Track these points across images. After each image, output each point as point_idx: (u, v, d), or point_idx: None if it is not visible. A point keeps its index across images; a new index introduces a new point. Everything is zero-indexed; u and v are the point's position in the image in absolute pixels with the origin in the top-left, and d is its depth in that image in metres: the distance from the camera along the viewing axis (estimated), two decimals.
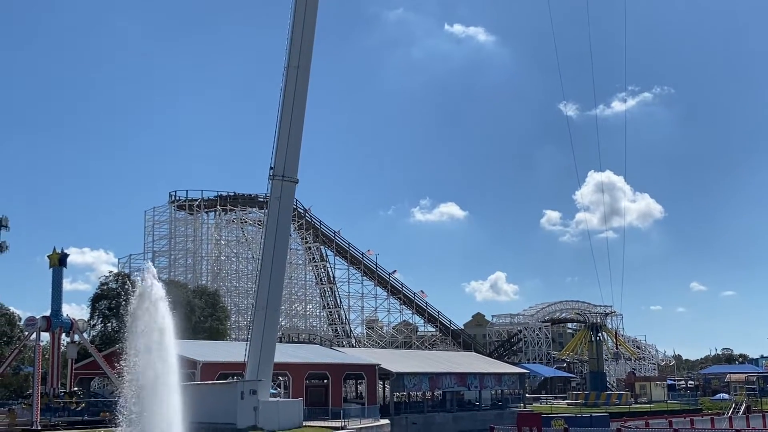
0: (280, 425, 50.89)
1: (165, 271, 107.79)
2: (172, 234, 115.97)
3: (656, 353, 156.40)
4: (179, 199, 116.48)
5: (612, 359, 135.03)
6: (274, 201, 54.89)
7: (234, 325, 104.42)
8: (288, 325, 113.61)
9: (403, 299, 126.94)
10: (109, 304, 79.56)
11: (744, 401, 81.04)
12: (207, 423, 47.86)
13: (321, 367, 70.12)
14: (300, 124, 55.33)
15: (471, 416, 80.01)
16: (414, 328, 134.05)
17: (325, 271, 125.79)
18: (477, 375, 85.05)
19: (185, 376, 52.90)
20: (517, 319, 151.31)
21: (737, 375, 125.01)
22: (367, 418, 59.39)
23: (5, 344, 74.18)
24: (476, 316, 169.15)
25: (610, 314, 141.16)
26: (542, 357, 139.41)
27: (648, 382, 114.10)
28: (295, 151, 55.11)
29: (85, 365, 64.44)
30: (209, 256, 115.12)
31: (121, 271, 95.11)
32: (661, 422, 45.22)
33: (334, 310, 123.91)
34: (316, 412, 59.95)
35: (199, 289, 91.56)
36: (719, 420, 48.48)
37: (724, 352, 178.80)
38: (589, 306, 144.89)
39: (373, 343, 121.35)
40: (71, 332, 58.32)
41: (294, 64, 54.67)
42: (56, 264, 57.16)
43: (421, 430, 72.78)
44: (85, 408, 55.08)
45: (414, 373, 77.86)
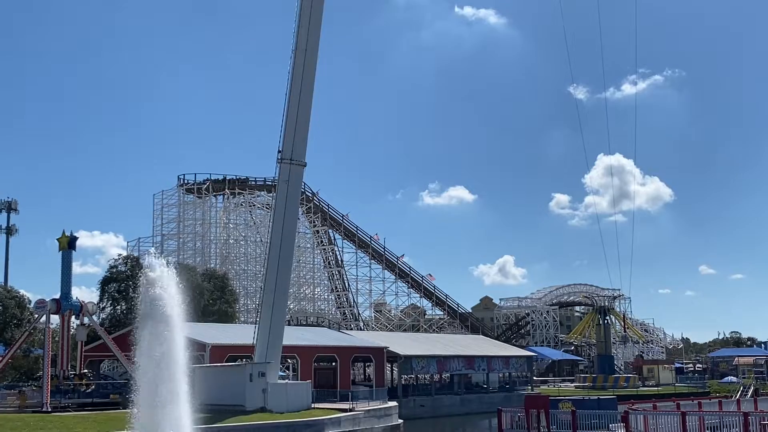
0: (288, 407, 51.15)
1: (174, 255, 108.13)
2: (180, 217, 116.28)
3: (664, 336, 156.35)
4: (188, 182, 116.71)
5: (620, 342, 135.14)
6: (282, 184, 54.93)
7: (243, 308, 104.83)
8: (296, 309, 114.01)
9: (411, 283, 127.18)
10: (118, 287, 79.91)
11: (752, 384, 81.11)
12: (216, 405, 48.18)
13: (329, 349, 70.36)
14: (308, 107, 55.29)
15: (478, 399, 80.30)
16: (422, 312, 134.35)
17: (333, 254, 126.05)
18: (485, 358, 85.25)
19: (194, 358, 53.13)
20: (525, 303, 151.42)
21: (745, 358, 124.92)
22: (376, 401, 59.57)
23: (15, 327, 74.57)
24: (484, 299, 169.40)
25: (618, 298, 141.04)
26: (550, 340, 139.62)
27: (656, 366, 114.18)
28: (303, 135, 55.09)
29: (95, 348, 64.77)
30: (218, 239, 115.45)
31: (130, 254, 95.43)
32: (669, 405, 45.13)
33: (342, 293, 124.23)
34: (325, 394, 60.19)
35: (208, 272, 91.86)
36: (727, 403, 48.37)
37: (733, 336, 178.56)
38: (597, 289, 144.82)
39: (381, 327, 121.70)
40: (81, 315, 58.54)
41: (302, 47, 54.57)
42: (65, 247, 57.33)
43: (429, 413, 73.05)
44: (94, 390, 55.37)
45: (422, 356, 78.08)
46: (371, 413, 55.72)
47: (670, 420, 38.32)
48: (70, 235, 57.66)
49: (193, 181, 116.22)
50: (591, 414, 39.98)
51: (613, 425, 39.48)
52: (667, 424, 38.15)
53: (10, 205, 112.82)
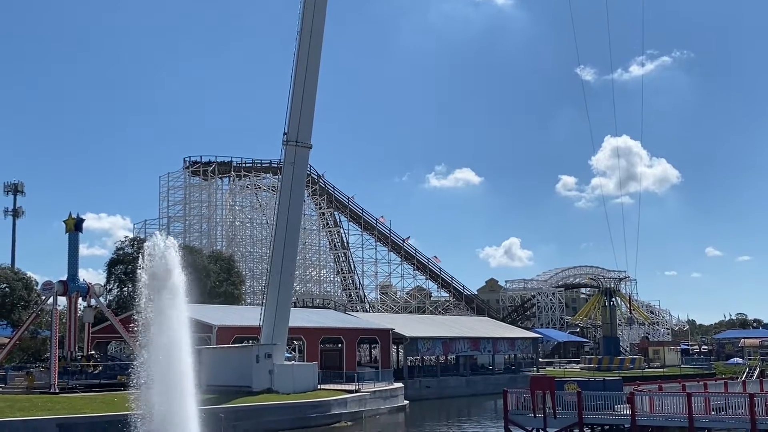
0: (295, 388, 51.44)
1: (180, 237, 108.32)
2: (186, 200, 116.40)
3: (670, 318, 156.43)
4: (194, 164, 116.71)
5: (625, 324, 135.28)
6: (287, 166, 55.01)
7: (249, 290, 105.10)
8: (302, 291, 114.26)
9: (416, 265, 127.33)
10: (125, 269, 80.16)
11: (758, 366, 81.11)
12: (223, 386, 48.49)
13: (335, 331, 70.58)
14: (313, 89, 55.25)
15: (484, 380, 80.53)
16: (427, 294, 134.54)
17: (338, 236, 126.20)
18: (490, 340, 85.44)
19: (201, 340, 53.53)
20: (531, 285, 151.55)
21: (751, 340, 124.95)
22: (381, 382, 59.86)
23: (23, 308, 74.91)
24: (489, 281, 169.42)
25: (624, 279, 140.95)
26: (555, 322, 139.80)
27: (661, 347, 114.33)
28: (308, 117, 55.10)
29: (102, 329, 65.07)
30: (224, 221, 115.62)
31: (137, 236, 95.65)
32: (675, 386, 45.19)
33: (347, 275, 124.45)
34: (331, 375, 60.44)
35: (214, 254, 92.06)
36: (733, 384, 48.43)
37: (739, 317, 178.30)
38: (603, 271, 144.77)
39: (387, 308, 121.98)
40: (88, 297, 58.76)
41: (307, 29, 54.49)
42: (72, 229, 57.49)
43: (435, 394, 73.31)
44: (102, 371, 55.69)
45: (428, 338, 78.28)
46: (377, 394, 56.01)
47: (675, 401, 38.38)
48: (77, 217, 57.81)
49: (199, 163, 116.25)
50: (596, 395, 40.06)
51: (618, 406, 39.59)
52: (672, 406, 38.24)
53: (16, 188, 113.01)
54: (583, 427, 39.81)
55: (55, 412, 39.61)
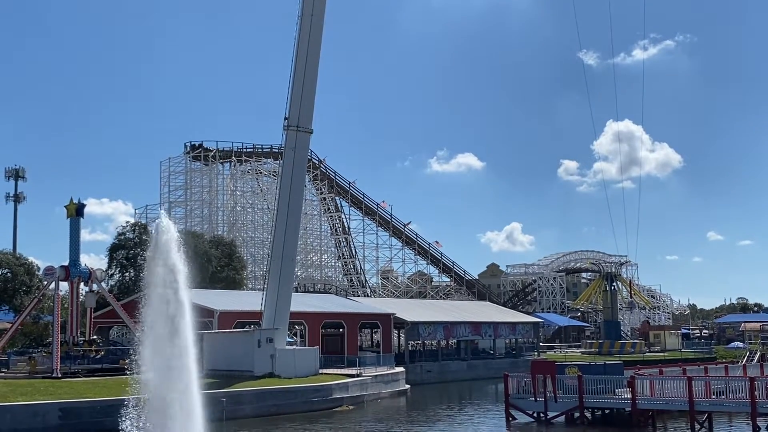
0: (296, 373, 51.57)
1: (181, 222, 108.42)
2: (187, 185, 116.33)
3: (671, 302, 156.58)
4: (194, 149, 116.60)
5: (626, 308, 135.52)
6: (288, 151, 54.94)
7: (250, 275, 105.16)
8: (304, 275, 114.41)
9: (417, 250, 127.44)
10: (126, 254, 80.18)
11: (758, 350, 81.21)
12: (224, 370, 48.64)
13: (337, 316, 70.70)
14: (314, 73, 55.08)
15: (485, 364, 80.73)
16: (429, 279, 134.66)
17: (340, 221, 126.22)
18: (491, 324, 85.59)
19: (203, 324, 53.60)
20: (532, 269, 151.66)
21: (752, 324, 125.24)
22: (383, 366, 60.07)
23: (24, 294, 75.00)
24: (491, 266, 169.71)
25: (625, 264, 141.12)
26: (557, 306, 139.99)
27: (662, 331, 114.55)
28: (309, 101, 54.96)
29: (104, 314, 65.18)
30: (225, 206, 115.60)
31: (138, 221, 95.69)
32: (675, 370, 45.34)
33: (349, 260, 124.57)
34: (332, 360, 60.58)
35: (216, 239, 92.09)
36: (733, 368, 48.56)
37: (739, 301, 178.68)
38: (604, 256, 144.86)
39: (388, 293, 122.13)
40: (90, 282, 58.75)
41: (308, 12, 54.28)
42: (73, 214, 57.42)
43: (436, 378, 73.51)
44: (104, 356, 55.81)
45: (429, 322, 78.40)
46: (378, 378, 56.19)
47: (676, 385, 38.52)
48: (78, 202, 57.73)
49: (200, 148, 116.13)
50: (597, 379, 40.23)
51: (619, 390, 39.74)
52: (673, 389, 38.37)
53: (17, 173, 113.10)
54: (583, 411, 39.99)
55: (57, 397, 39.75)
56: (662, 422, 39.55)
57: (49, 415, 37.68)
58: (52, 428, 37.32)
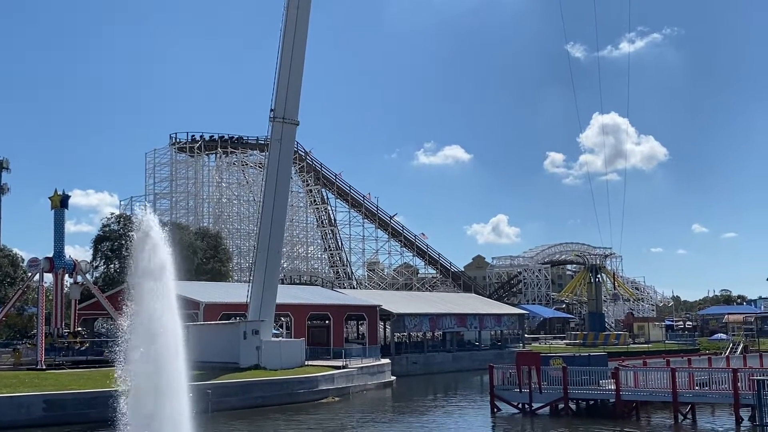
0: (282, 365, 51.59)
1: (167, 213, 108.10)
2: (173, 176, 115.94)
3: (655, 294, 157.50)
4: (180, 141, 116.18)
5: (611, 300, 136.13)
6: (274, 143, 54.82)
7: (236, 267, 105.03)
8: (290, 267, 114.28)
9: (404, 242, 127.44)
10: (111, 246, 79.95)
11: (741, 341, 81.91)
12: (210, 362, 48.54)
13: (322, 308, 70.70)
14: (300, 65, 54.92)
15: (470, 356, 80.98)
16: (414, 270, 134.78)
17: (326, 213, 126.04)
18: (477, 316, 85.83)
19: (188, 316, 53.46)
20: (517, 261, 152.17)
21: (735, 316, 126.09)
22: (369, 358, 60.14)
23: (9, 285, 74.73)
24: (476, 258, 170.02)
25: (609, 256, 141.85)
26: (542, 298, 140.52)
27: (646, 323, 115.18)
28: (295, 93, 54.82)
29: (89, 306, 64.94)
30: (210, 198, 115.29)
31: (123, 212, 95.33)
32: (659, 362, 45.66)
33: (335, 252, 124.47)
34: (318, 352, 60.59)
35: (201, 231, 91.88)
36: (717, 360, 48.95)
37: (723, 293, 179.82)
38: (589, 248, 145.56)
39: (374, 285, 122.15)
40: (74, 273, 58.61)
41: (294, 4, 54.08)
42: (58, 206, 57.19)
43: (422, 370, 73.70)
44: (88, 348, 55.70)
45: (415, 314, 78.55)
46: (364, 370, 56.28)
47: (660, 376, 38.79)
48: (63, 193, 57.48)
49: (186, 140, 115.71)
50: (582, 371, 40.48)
51: (603, 382, 39.99)
52: (657, 381, 38.65)
53: (1, 164, 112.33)
54: (568, 402, 40.21)
55: (42, 389, 39.64)
56: (646, 413, 39.83)
57: (33, 407, 37.57)
58: (37, 420, 37.20)
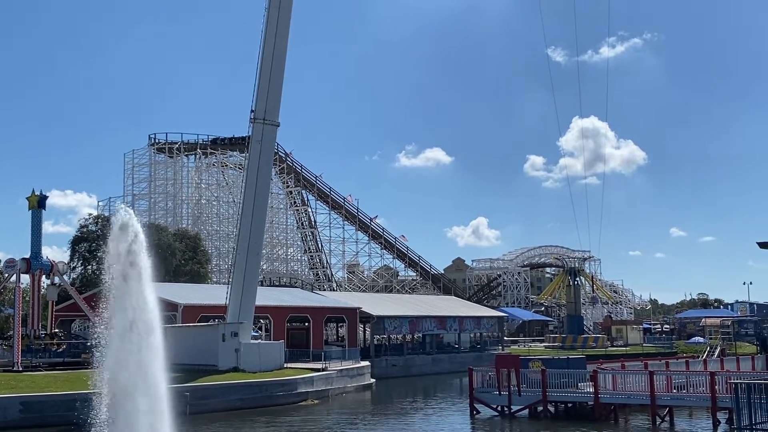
0: (261, 367, 51.43)
1: (145, 214, 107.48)
2: (152, 177, 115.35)
3: (633, 297, 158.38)
4: (159, 142, 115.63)
5: (589, 303, 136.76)
6: (255, 144, 54.66)
7: (215, 268, 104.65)
8: (269, 269, 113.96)
9: (384, 244, 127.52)
10: (89, 247, 79.47)
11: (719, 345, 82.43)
12: (188, 365, 48.25)
13: (302, 310, 70.55)
14: (281, 65, 54.83)
15: (450, 358, 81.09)
16: (395, 273, 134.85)
17: (306, 215, 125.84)
18: (456, 318, 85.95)
19: (166, 318, 53.11)
20: (497, 264, 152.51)
21: (712, 319, 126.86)
22: (348, 360, 60.09)
23: None
24: (456, 260, 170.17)
25: (588, 259, 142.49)
26: (521, 301, 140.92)
27: (624, 326, 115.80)
28: (276, 94, 54.70)
29: (66, 307, 64.48)
30: (189, 199, 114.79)
31: (101, 213, 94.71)
32: (637, 365, 45.93)
33: (315, 254, 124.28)
34: (298, 354, 60.49)
35: (180, 232, 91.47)
36: (694, 363, 49.33)
37: (700, 297, 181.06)
38: (568, 251, 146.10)
39: (354, 287, 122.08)
40: (51, 274, 58.19)
41: (275, 4, 53.96)
42: (35, 206, 56.77)
43: (401, 372, 73.71)
44: (65, 349, 55.28)
45: (394, 317, 78.56)
46: (344, 373, 56.20)
47: (638, 379, 39.04)
48: (40, 194, 57.08)
49: (165, 141, 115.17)
50: (561, 373, 40.63)
51: (582, 384, 40.17)
52: (635, 384, 38.88)
53: None
54: (547, 405, 40.36)
55: (18, 391, 39.27)
56: (624, 416, 40.04)
57: (9, 410, 37.19)
58: (13, 422, 36.80)
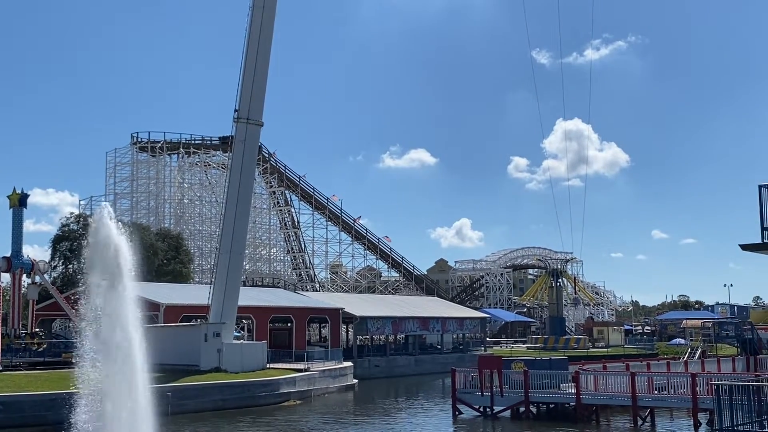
0: (243, 367, 51.27)
1: (127, 214, 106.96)
2: (134, 176, 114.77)
3: (614, 299, 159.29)
4: (141, 140, 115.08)
5: (571, 305, 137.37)
6: (238, 144, 54.51)
7: (197, 268, 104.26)
8: (252, 270, 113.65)
9: (367, 244, 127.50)
10: (70, 246, 79.01)
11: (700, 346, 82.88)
12: (170, 365, 48.02)
13: (285, 310, 70.42)
14: (265, 65, 54.72)
15: (432, 359, 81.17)
16: (377, 273, 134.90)
17: (289, 215, 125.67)
18: (439, 319, 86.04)
19: (148, 318, 52.88)
20: (480, 265, 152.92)
21: (693, 321, 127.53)
22: (331, 361, 59.96)
23: None
24: (439, 262, 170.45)
25: (570, 261, 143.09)
26: (503, 302, 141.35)
27: (606, 327, 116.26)
28: (260, 94, 54.57)
29: (47, 306, 64.06)
30: (172, 199, 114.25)
31: (82, 212, 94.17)
32: (619, 366, 46.14)
33: (298, 254, 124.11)
34: (280, 354, 60.36)
35: (162, 231, 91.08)
36: (675, 364, 49.62)
37: (681, 299, 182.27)
38: (551, 252, 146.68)
39: (337, 288, 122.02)
40: (32, 273, 57.81)
41: (259, 4, 53.85)
42: (16, 204, 56.41)
43: (384, 373, 73.70)
44: (46, 349, 54.90)
45: (377, 317, 78.55)
46: (326, 373, 56.12)
47: (619, 380, 39.20)
48: (21, 192, 56.72)
49: (147, 140, 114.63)
50: (543, 374, 40.75)
51: (564, 385, 40.29)
52: (616, 385, 39.05)
53: None
54: (529, 405, 40.47)
55: None
56: (606, 417, 40.16)
57: None
58: None
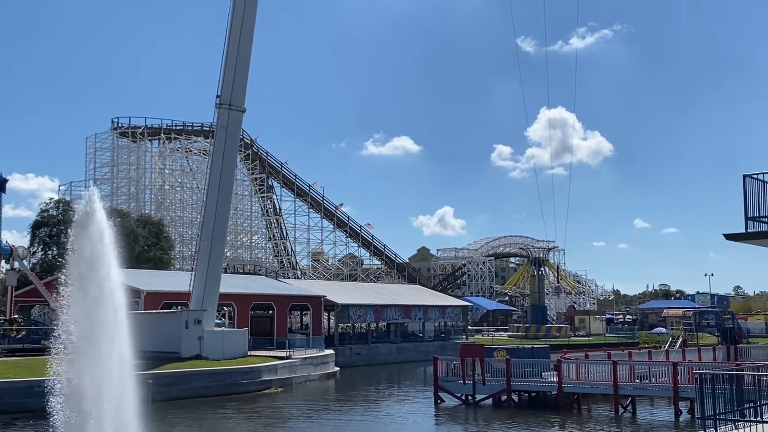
0: (224, 354, 51.03)
1: (107, 199, 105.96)
2: (114, 162, 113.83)
3: (596, 288, 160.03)
4: (122, 126, 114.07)
5: (553, 293, 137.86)
6: (220, 130, 54.08)
7: (178, 255, 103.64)
8: (233, 257, 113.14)
9: (349, 232, 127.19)
10: (49, 232, 78.28)
11: (681, 335, 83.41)
12: (151, 352, 47.53)
13: (266, 297, 70.12)
14: (248, 51, 54.22)
15: (414, 347, 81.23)
16: (359, 261, 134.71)
17: (271, 202, 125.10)
18: (421, 307, 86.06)
19: (129, 305, 52.47)
20: (462, 254, 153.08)
21: (674, 310, 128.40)
22: (312, 349, 59.87)
23: None
24: (421, 250, 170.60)
25: (552, 249, 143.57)
26: (485, 290, 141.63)
27: (587, 316, 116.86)
28: (242, 80, 54.12)
29: (26, 293, 63.48)
30: (152, 185, 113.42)
31: (62, 198, 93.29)
32: (600, 354, 46.29)
33: (279, 241, 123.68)
34: (261, 342, 60.16)
35: (143, 218, 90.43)
36: (656, 353, 49.85)
37: (662, 288, 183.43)
38: (533, 241, 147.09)
39: (319, 275, 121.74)
40: (11, 259, 57.21)
41: None
42: None
43: (365, 361, 73.66)
44: (25, 336, 54.35)
45: (359, 305, 78.44)
46: (308, 361, 56.02)
47: (601, 369, 39.30)
48: (0, 177, 56.05)
49: (128, 125, 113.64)
50: (525, 362, 40.80)
51: (546, 373, 40.36)
52: (598, 373, 39.14)
53: None
54: (511, 394, 40.51)
55: None
56: (587, 405, 40.28)
57: None
58: None
